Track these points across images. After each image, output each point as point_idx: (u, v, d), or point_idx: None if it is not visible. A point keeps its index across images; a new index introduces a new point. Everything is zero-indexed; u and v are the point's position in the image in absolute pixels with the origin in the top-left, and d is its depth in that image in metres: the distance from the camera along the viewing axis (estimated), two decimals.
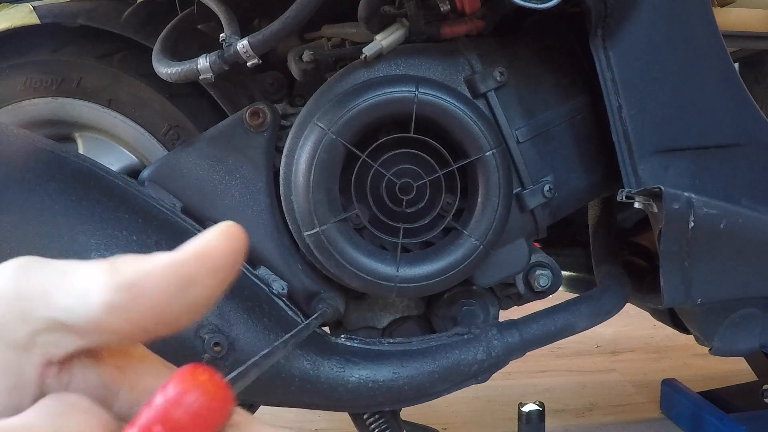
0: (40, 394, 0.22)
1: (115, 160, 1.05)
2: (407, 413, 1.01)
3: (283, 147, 0.88)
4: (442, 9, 0.85)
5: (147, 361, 0.24)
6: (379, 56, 0.85)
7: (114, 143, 1.07)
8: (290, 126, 0.89)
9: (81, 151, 1.07)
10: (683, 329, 1.08)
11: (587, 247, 1.11)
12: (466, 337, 0.91)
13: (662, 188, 0.82)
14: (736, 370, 1.64)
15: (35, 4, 1.00)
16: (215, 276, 0.22)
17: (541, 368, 1.80)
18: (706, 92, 0.88)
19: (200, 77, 0.83)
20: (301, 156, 0.84)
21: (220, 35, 0.84)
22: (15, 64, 1.02)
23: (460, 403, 1.56)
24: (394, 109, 0.83)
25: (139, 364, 0.23)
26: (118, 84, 1.03)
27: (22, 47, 1.03)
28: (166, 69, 0.86)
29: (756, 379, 1.50)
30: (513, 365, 0.96)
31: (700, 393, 1.49)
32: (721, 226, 0.86)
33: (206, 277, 0.22)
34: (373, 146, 0.84)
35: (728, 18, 1.12)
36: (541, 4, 0.77)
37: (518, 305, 1.04)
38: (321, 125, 0.83)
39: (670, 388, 1.56)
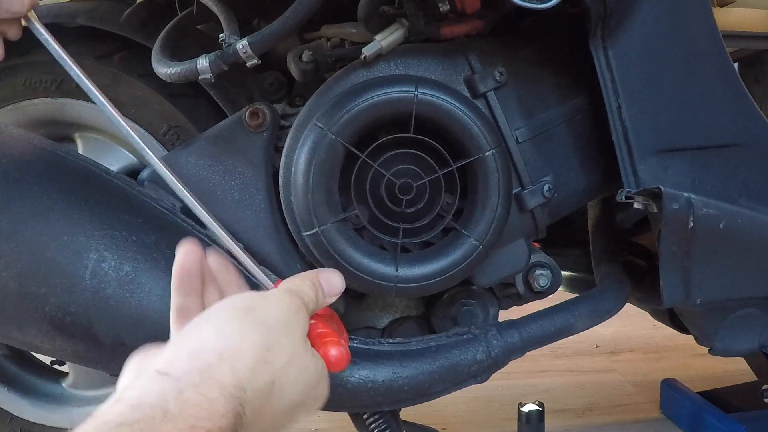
0: None
1: (114, 160, 1.05)
2: (407, 413, 1.01)
3: (283, 147, 0.88)
4: (441, 9, 0.85)
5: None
6: (379, 56, 0.85)
7: (113, 143, 1.07)
8: (290, 126, 0.89)
9: (80, 151, 1.07)
10: (683, 329, 1.08)
11: (587, 247, 1.11)
12: (465, 337, 0.91)
13: (662, 188, 0.82)
14: (736, 370, 1.64)
15: None
16: None
17: (541, 368, 1.80)
18: (705, 92, 0.88)
19: (200, 77, 0.83)
20: (301, 156, 0.84)
21: (220, 35, 0.84)
22: (15, 64, 1.02)
23: (459, 403, 1.56)
24: (394, 110, 0.83)
25: None
26: (117, 84, 1.03)
27: (22, 47, 1.03)
28: (165, 69, 0.86)
29: (756, 379, 1.50)
30: (513, 365, 0.96)
31: (699, 393, 1.50)
32: (721, 226, 0.86)
33: None
34: (372, 146, 0.84)
35: (728, 18, 1.12)
36: (540, 4, 0.77)
37: (518, 305, 1.04)
38: (320, 125, 0.83)
39: (669, 388, 1.56)
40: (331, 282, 0.63)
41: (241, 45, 0.80)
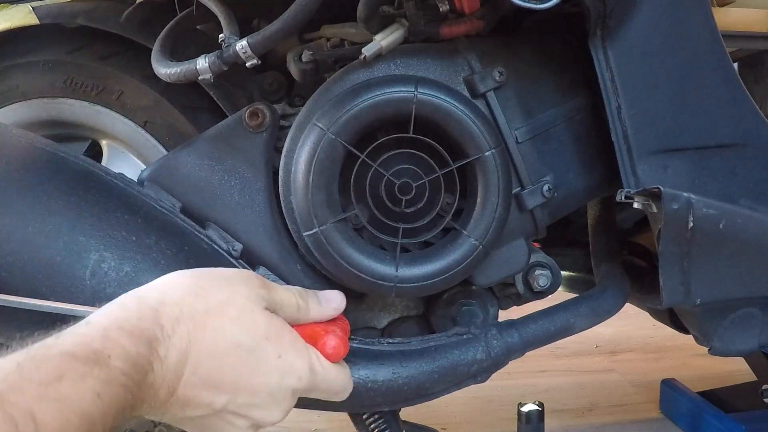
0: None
1: (133, 175, 1.07)
2: (407, 413, 1.01)
3: (283, 147, 0.88)
4: (441, 9, 0.85)
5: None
6: (378, 56, 0.85)
7: (137, 160, 1.08)
8: (289, 126, 0.89)
9: (105, 157, 1.09)
10: (682, 329, 1.08)
11: (587, 247, 1.11)
12: (465, 337, 0.91)
13: (661, 188, 0.82)
14: (736, 370, 1.64)
15: (35, 4, 1.00)
16: None
17: (541, 368, 1.80)
18: (705, 92, 0.88)
19: (199, 77, 0.83)
20: (300, 156, 0.84)
21: (220, 35, 0.84)
22: (62, 60, 1.03)
23: (459, 403, 1.56)
24: (393, 110, 0.83)
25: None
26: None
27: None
28: (165, 69, 0.86)
29: (756, 379, 1.50)
30: (512, 365, 0.96)
31: (699, 393, 1.50)
32: (721, 226, 0.86)
33: None
34: (372, 146, 0.84)
35: (728, 18, 1.12)
36: (540, 4, 0.77)
37: (518, 305, 1.04)
38: (320, 125, 0.83)
39: (669, 388, 1.56)
40: (328, 296, 0.72)
41: (241, 45, 0.80)
